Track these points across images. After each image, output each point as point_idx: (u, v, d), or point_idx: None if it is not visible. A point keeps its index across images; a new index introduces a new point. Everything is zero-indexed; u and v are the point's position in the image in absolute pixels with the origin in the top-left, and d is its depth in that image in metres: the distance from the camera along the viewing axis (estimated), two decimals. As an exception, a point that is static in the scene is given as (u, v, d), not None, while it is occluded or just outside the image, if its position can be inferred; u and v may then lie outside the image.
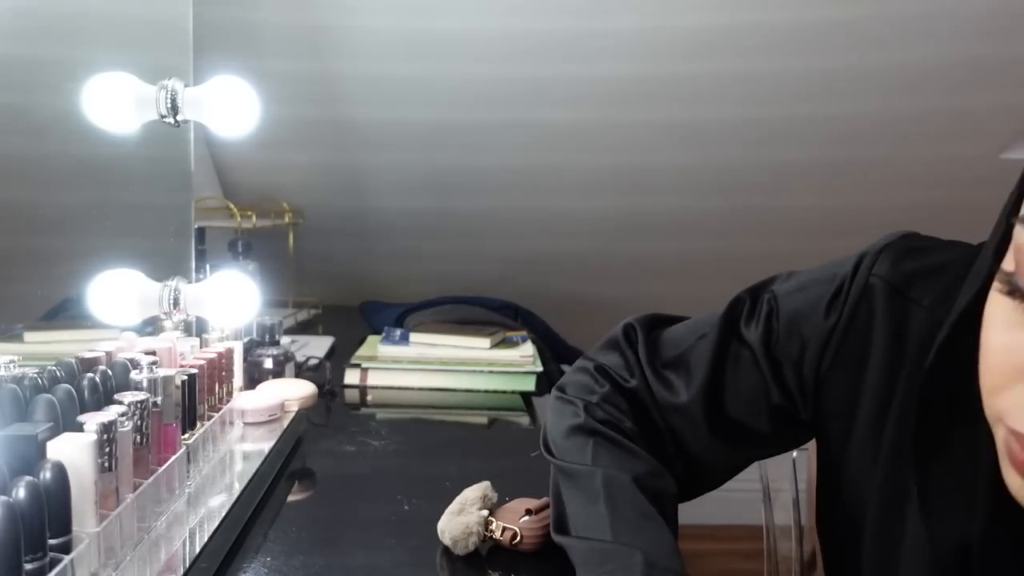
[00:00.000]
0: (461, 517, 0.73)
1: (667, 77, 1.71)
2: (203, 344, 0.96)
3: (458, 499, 0.74)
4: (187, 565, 0.62)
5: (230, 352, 0.92)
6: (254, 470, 0.82)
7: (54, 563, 0.49)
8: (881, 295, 0.61)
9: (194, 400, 0.79)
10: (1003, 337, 0.48)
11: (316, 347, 1.50)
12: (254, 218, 1.68)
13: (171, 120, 0.98)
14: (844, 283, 0.63)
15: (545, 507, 0.74)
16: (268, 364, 1.17)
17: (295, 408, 1.02)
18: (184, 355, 0.86)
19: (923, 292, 0.60)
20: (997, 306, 0.49)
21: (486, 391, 1.30)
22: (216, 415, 0.84)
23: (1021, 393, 0.47)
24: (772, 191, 1.92)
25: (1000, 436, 0.49)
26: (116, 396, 0.65)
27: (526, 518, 0.73)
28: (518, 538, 0.72)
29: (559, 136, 1.84)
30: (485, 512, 0.73)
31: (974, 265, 0.54)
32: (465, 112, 1.80)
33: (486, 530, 0.73)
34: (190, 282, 1.01)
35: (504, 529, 0.72)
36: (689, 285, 2.17)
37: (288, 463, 0.93)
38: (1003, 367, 0.48)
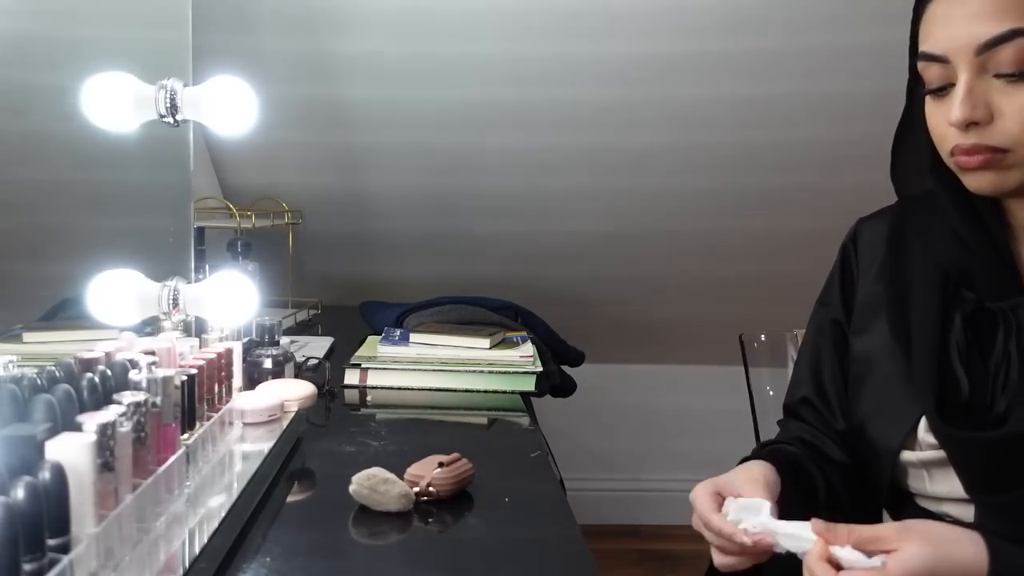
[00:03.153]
0: (388, 488, 0.80)
1: (682, 55, 1.68)
2: (202, 344, 0.96)
3: (363, 484, 0.80)
4: (186, 566, 0.62)
5: (229, 352, 0.92)
6: (253, 470, 0.82)
7: (53, 563, 0.49)
8: (850, 235, 0.97)
9: (193, 400, 0.79)
10: (932, 120, 0.79)
11: (316, 347, 1.50)
12: (253, 218, 1.68)
13: (170, 120, 0.97)
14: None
15: (455, 460, 0.86)
16: (267, 364, 1.17)
17: (295, 408, 1.02)
18: (183, 355, 0.85)
19: (869, 219, 0.96)
20: (927, 108, 0.79)
21: (486, 391, 1.30)
22: (215, 415, 0.84)
23: (953, 135, 0.76)
24: (771, 184, 1.91)
25: (954, 168, 0.78)
26: (115, 396, 0.64)
27: (438, 470, 0.83)
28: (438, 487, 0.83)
29: (563, 122, 1.82)
30: (404, 485, 0.81)
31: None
32: (464, 112, 1.79)
33: (420, 491, 0.82)
34: (189, 282, 1.01)
35: (428, 484, 0.82)
36: (689, 288, 2.17)
37: (288, 463, 0.93)
38: (941, 132, 0.78)
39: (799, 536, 0.70)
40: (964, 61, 0.74)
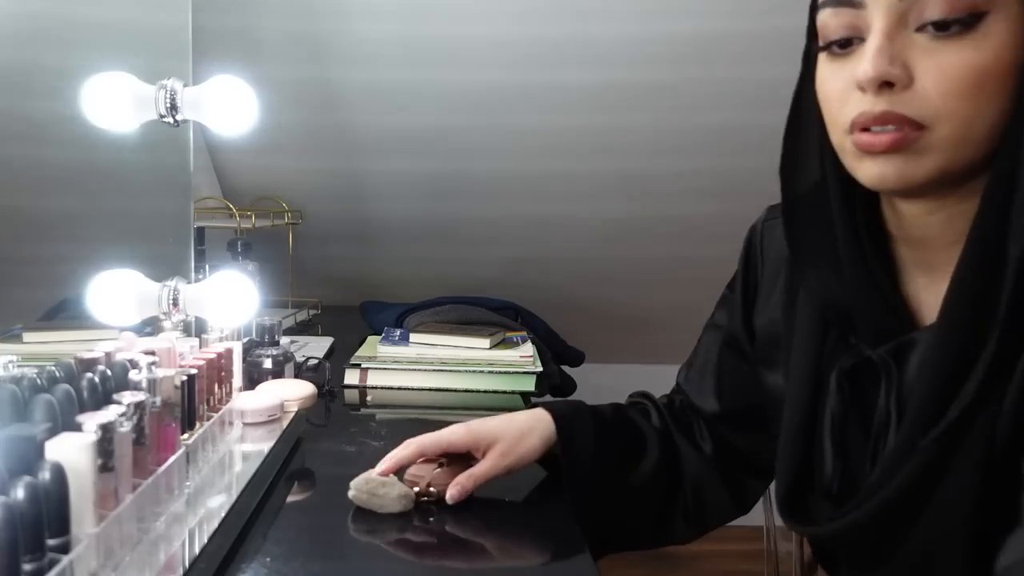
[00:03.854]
0: (387, 491, 0.80)
1: (666, 82, 1.70)
2: (202, 344, 0.96)
3: (362, 489, 0.80)
4: (186, 566, 0.62)
5: (229, 352, 0.92)
6: (253, 471, 0.82)
7: (53, 563, 0.49)
8: (755, 233, 0.86)
9: (193, 400, 0.79)
10: (829, 84, 0.64)
11: (316, 347, 1.50)
12: (253, 218, 1.68)
13: (170, 120, 0.97)
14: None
15: (455, 460, 0.85)
16: (267, 364, 1.17)
17: (295, 408, 1.02)
18: (183, 355, 0.85)
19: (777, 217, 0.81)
20: (821, 71, 0.65)
21: (486, 391, 1.30)
22: (215, 415, 0.84)
23: (856, 101, 0.61)
24: (772, 196, 1.91)
25: (848, 150, 0.63)
26: (115, 396, 0.64)
27: (439, 470, 0.84)
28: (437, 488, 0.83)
29: (557, 140, 1.83)
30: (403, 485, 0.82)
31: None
32: (464, 115, 1.79)
33: (420, 491, 0.82)
34: (189, 282, 1.01)
35: (428, 484, 0.82)
36: (688, 288, 2.17)
37: (287, 464, 0.93)
38: (841, 99, 0.62)
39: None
40: (882, 5, 0.59)
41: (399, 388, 1.30)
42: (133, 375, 0.69)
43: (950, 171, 0.61)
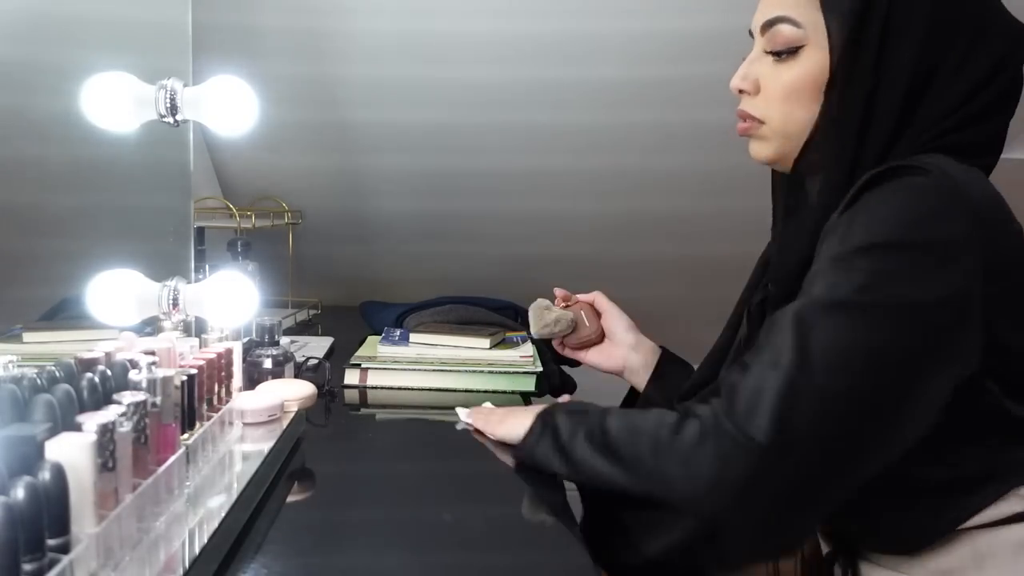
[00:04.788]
0: (551, 313, 1.21)
1: (666, 79, 1.70)
2: (202, 344, 0.96)
3: (538, 306, 1.20)
4: (186, 566, 0.62)
5: (229, 352, 0.92)
6: (253, 471, 0.82)
7: (53, 563, 0.49)
8: None
9: (193, 400, 0.79)
10: None
11: (316, 347, 1.50)
12: (253, 218, 1.68)
13: (170, 120, 0.97)
14: None
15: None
16: (267, 364, 1.17)
17: (295, 408, 1.02)
18: (183, 355, 0.85)
19: None
20: None
21: (486, 391, 1.29)
22: (215, 415, 0.84)
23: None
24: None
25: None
26: (115, 396, 0.64)
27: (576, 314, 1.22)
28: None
29: (558, 138, 1.83)
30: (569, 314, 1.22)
31: None
32: (464, 114, 1.79)
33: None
34: (189, 282, 1.01)
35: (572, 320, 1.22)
36: (689, 288, 2.17)
37: (288, 464, 0.93)
38: None
39: None
40: (757, 38, 0.88)
41: (399, 388, 1.30)
42: (133, 375, 0.69)
43: (784, 154, 0.88)
